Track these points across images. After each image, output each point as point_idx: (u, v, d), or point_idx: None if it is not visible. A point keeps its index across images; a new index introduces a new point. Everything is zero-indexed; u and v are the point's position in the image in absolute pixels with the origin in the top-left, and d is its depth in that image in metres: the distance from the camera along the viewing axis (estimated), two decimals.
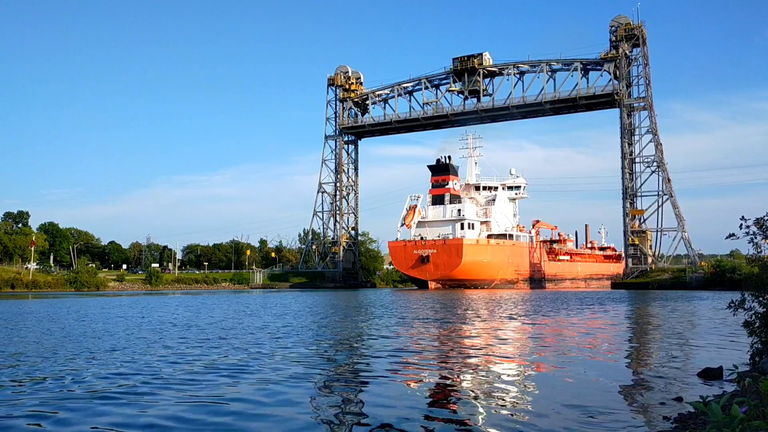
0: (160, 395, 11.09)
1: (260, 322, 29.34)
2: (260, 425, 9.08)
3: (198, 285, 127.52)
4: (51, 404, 10.37)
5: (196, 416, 9.54)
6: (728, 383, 11.81)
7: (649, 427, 8.79)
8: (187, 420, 9.31)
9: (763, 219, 12.18)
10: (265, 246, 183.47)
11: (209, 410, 9.96)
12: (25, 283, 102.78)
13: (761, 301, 12.31)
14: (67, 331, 24.15)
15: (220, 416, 9.55)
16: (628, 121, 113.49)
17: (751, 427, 4.18)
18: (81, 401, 10.60)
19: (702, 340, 20.33)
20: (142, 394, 11.18)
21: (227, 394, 11.17)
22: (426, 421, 9.26)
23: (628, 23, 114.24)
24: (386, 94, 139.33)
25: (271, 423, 9.20)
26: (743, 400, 4.58)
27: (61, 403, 10.47)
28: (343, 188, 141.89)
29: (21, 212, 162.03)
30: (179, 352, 17.39)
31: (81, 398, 10.86)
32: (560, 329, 25.59)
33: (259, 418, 9.48)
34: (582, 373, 13.72)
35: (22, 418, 9.42)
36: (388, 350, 17.73)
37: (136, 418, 9.46)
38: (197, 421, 9.28)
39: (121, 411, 9.88)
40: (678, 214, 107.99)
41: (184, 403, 10.45)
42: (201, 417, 9.50)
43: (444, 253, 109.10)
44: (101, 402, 10.56)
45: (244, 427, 8.97)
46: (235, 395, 11.09)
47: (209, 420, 9.33)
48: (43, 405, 10.30)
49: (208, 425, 9.05)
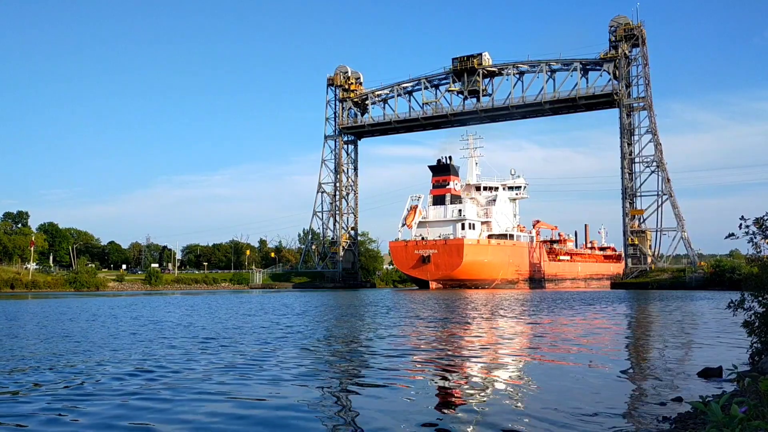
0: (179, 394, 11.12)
1: (266, 321, 29.35)
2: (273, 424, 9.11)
3: (197, 285, 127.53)
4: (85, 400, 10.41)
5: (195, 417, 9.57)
6: (728, 383, 11.81)
7: (648, 427, 8.80)
8: (188, 420, 9.34)
9: (763, 219, 12.19)
10: (265, 246, 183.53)
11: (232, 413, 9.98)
12: (25, 284, 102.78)
13: (761, 301, 12.34)
14: (90, 333, 24.16)
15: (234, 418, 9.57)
16: (628, 121, 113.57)
17: (751, 427, 4.19)
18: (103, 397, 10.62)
19: (701, 340, 20.35)
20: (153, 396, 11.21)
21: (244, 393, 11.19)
22: (425, 421, 9.28)
23: (627, 23, 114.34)
24: (386, 94, 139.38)
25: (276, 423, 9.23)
26: (743, 400, 4.59)
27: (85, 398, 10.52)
28: (342, 188, 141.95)
29: (20, 212, 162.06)
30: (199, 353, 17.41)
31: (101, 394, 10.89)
32: (560, 329, 25.59)
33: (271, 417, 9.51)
34: (581, 373, 13.74)
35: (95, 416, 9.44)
36: (395, 349, 17.74)
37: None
38: (198, 420, 9.31)
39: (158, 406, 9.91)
40: (677, 214, 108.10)
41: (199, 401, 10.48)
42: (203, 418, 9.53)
43: (445, 253, 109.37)
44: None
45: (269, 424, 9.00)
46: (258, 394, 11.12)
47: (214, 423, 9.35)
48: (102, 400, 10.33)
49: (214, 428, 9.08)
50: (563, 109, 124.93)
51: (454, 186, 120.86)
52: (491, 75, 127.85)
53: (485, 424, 9.09)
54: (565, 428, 8.83)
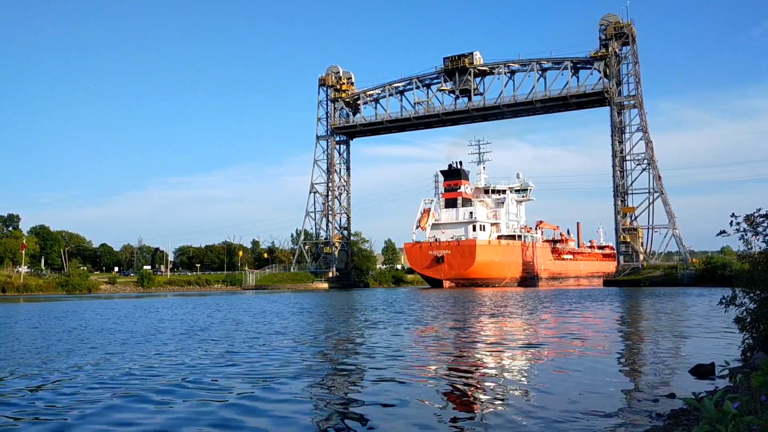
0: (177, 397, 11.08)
1: (267, 322, 29.30)
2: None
3: (190, 287, 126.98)
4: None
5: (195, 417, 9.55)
6: (720, 379, 11.88)
7: (641, 424, 8.83)
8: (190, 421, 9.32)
9: (753, 215, 12.26)
10: (258, 247, 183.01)
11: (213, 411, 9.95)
12: (16, 287, 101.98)
13: (752, 297, 12.40)
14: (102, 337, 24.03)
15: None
16: (619, 119, 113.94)
17: (744, 423, 4.22)
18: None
19: (694, 337, 20.46)
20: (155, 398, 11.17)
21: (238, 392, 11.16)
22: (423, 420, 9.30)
23: (617, 22, 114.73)
24: (377, 94, 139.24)
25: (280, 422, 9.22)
26: (735, 396, 4.61)
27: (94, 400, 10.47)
28: (335, 188, 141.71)
29: (11, 215, 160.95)
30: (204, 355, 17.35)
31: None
32: (556, 325, 25.69)
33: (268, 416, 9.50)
34: (573, 369, 13.78)
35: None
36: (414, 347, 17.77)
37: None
38: (197, 422, 9.29)
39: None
40: (669, 212, 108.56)
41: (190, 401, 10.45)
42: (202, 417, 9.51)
43: (458, 253, 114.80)
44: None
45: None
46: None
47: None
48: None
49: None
50: (554, 108, 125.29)
51: (465, 189, 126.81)
52: (482, 74, 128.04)
53: (478, 423, 9.11)
54: (558, 424, 8.85)
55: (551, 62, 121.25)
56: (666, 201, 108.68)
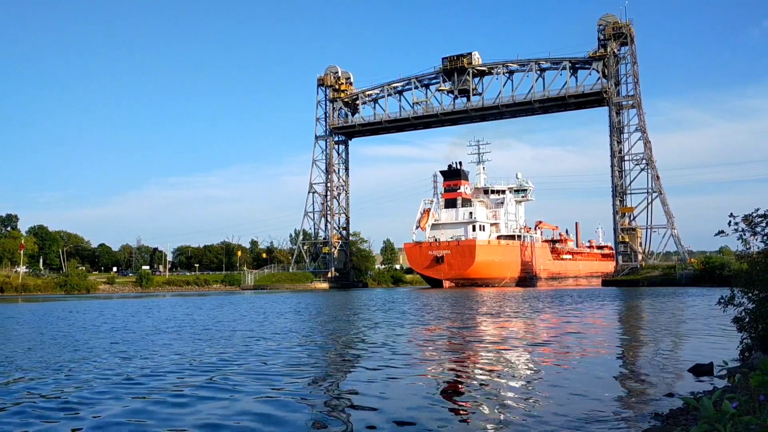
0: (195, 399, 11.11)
1: (267, 322, 29.33)
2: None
3: (189, 287, 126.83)
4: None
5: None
6: (719, 379, 11.92)
7: (640, 423, 8.87)
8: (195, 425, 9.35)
9: (752, 216, 12.30)
10: (256, 247, 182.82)
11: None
12: (15, 287, 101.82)
13: (750, 297, 12.45)
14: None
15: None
16: (617, 119, 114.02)
17: (742, 422, 4.25)
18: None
19: (692, 336, 20.51)
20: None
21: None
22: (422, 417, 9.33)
23: (615, 22, 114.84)
24: (376, 94, 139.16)
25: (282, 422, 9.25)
26: (734, 396, 4.65)
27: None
28: (333, 188, 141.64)
29: (10, 215, 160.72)
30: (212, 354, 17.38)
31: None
32: (556, 325, 25.72)
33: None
34: (572, 369, 13.82)
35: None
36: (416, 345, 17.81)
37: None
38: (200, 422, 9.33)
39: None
40: (667, 212, 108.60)
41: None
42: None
43: (458, 253, 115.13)
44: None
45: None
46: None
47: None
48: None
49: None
50: (553, 108, 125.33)
51: (464, 190, 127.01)
52: (481, 74, 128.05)
53: (475, 423, 9.14)
54: (557, 423, 8.89)
55: (550, 62, 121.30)
56: (664, 201, 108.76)
